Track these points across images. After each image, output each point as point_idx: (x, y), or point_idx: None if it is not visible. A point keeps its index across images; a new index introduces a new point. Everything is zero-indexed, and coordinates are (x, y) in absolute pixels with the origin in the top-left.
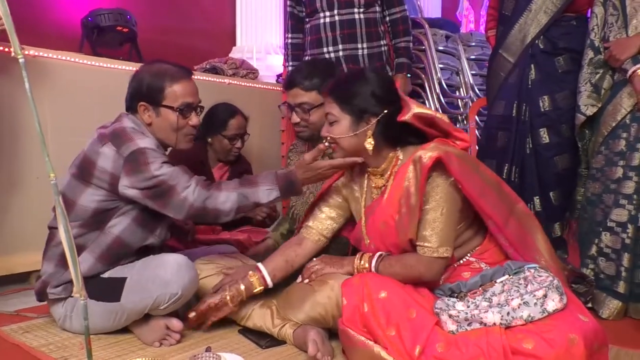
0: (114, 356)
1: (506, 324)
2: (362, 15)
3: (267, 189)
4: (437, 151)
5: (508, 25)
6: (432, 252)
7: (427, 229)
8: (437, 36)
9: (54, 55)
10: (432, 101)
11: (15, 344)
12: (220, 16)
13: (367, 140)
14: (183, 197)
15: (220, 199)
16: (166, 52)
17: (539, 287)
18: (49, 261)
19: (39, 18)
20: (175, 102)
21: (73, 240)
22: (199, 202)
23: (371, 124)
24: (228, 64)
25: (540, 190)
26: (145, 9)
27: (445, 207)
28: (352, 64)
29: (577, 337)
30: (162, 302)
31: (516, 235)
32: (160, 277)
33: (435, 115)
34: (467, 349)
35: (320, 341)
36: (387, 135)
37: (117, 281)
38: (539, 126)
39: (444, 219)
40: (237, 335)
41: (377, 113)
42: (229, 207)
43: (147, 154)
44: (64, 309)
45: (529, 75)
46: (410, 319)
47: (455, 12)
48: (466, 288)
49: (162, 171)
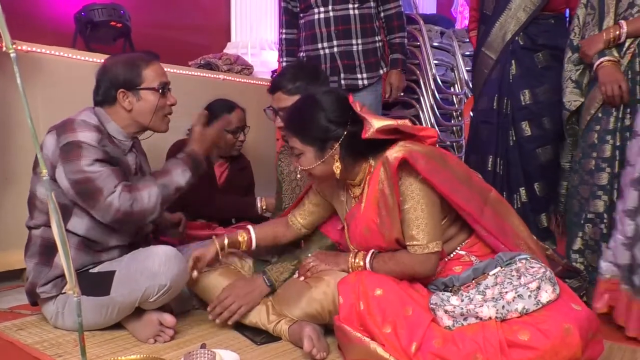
0: (109, 353)
1: (501, 317)
2: (356, 11)
3: (179, 171)
4: (402, 151)
5: (489, 24)
6: (422, 249)
7: (413, 227)
8: (432, 32)
9: (47, 51)
10: (427, 97)
11: (9, 341)
12: (215, 12)
13: (334, 165)
14: (109, 202)
15: (145, 198)
16: (160, 48)
17: (532, 279)
18: (30, 260)
19: (32, 13)
20: (154, 83)
21: (66, 236)
22: (124, 207)
23: (335, 148)
24: (223, 60)
25: (525, 182)
26: (139, 4)
27: (423, 203)
28: (346, 60)
29: (571, 327)
30: (151, 294)
31: (494, 224)
32: (148, 269)
33: (397, 123)
34: (464, 344)
35: (316, 337)
36: (355, 153)
37: (106, 275)
38: (520, 119)
39: (426, 215)
40: (232, 331)
41: (339, 136)
42: (154, 202)
43: (82, 148)
44: (55, 307)
45: (509, 71)
46: (407, 316)
47: (450, 9)
48: (459, 282)
49: (91, 168)
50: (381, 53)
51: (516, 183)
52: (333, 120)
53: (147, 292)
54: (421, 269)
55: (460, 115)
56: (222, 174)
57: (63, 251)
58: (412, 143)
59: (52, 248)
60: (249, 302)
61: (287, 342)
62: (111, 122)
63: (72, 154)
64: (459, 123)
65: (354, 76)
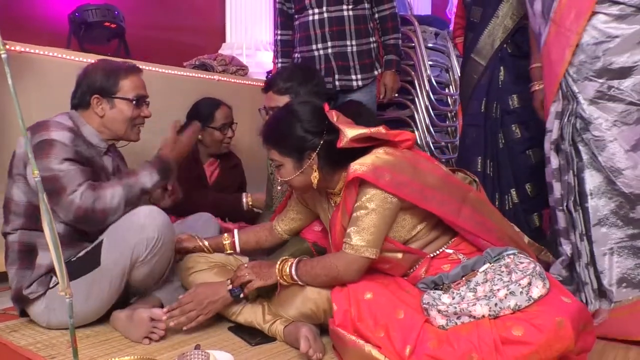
0: (102, 354)
1: (494, 314)
2: (351, 12)
3: (147, 173)
4: (366, 167)
5: (477, 31)
6: (354, 250)
7: (353, 227)
8: (426, 33)
9: (40, 51)
10: (422, 98)
11: (2, 342)
12: (209, 12)
13: (312, 175)
14: (70, 199)
15: (108, 197)
16: (155, 49)
17: (522, 276)
18: (11, 268)
19: (26, 13)
20: (130, 94)
21: (57, 237)
22: (86, 204)
23: (313, 158)
24: (218, 61)
25: (516, 183)
26: (134, 4)
27: (375, 213)
28: (340, 61)
29: (564, 320)
30: (141, 253)
31: (473, 223)
32: (134, 222)
33: (370, 132)
34: (459, 344)
35: (312, 338)
36: (333, 162)
37: (94, 247)
38: (509, 122)
39: (373, 224)
40: (227, 332)
41: (315, 146)
42: (117, 202)
43: (53, 146)
44: (45, 305)
45: (498, 76)
46: (398, 319)
47: (444, 10)
48: (448, 280)
49: (59, 167)
50: (376, 54)
51: (507, 184)
52: (309, 130)
53: (136, 250)
54: (345, 271)
55: (455, 116)
56: (212, 173)
57: (55, 253)
58: (385, 150)
59: (31, 251)
60: (208, 313)
61: (282, 343)
62: (86, 126)
63: (43, 151)
64: (453, 124)
65: (348, 77)
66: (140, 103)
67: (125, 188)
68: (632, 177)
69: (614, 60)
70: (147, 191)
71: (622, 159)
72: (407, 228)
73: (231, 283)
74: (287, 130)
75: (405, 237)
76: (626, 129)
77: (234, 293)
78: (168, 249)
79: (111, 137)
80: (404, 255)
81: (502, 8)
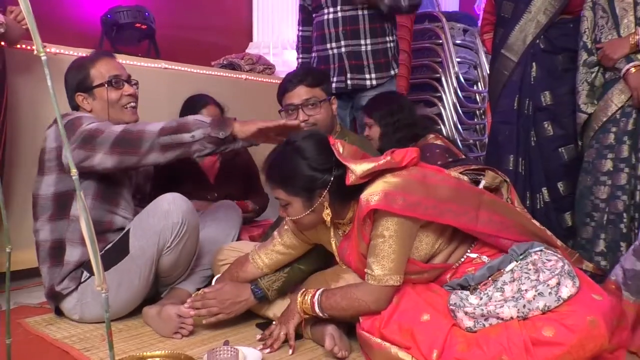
0: (135, 348)
1: (523, 316)
2: (365, 12)
3: (198, 120)
4: (378, 195)
5: (508, 27)
6: (376, 281)
7: (372, 257)
8: (454, 30)
9: (74, 53)
10: (450, 95)
11: (39, 335)
12: (236, 12)
13: (324, 212)
14: (108, 131)
15: (147, 125)
16: (183, 49)
17: (551, 276)
18: (43, 266)
19: (60, 16)
20: (103, 79)
21: (94, 234)
22: (123, 130)
23: (323, 195)
24: (245, 60)
25: (547, 182)
26: (163, 6)
27: (393, 240)
28: (354, 60)
29: (596, 319)
30: (167, 239)
31: (493, 224)
32: (159, 209)
33: (378, 164)
34: (489, 346)
35: (337, 336)
36: (344, 195)
37: (122, 237)
38: (542, 120)
39: (392, 251)
40: (255, 329)
41: (326, 184)
42: (153, 128)
43: (82, 119)
44: (77, 299)
45: (530, 73)
46: (423, 322)
47: (473, 5)
48: (474, 281)
49: (92, 126)
50: (392, 54)
51: (538, 183)
52: (318, 169)
53: (163, 235)
54: (374, 302)
55: (483, 114)
56: (214, 165)
57: (92, 250)
58: (392, 174)
59: (60, 248)
60: (230, 313)
61: (309, 340)
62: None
63: (74, 125)
64: (481, 121)
65: (361, 76)
66: (118, 83)
67: (168, 122)
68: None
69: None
70: (188, 130)
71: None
72: (428, 245)
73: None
74: (293, 170)
75: (427, 254)
76: None
77: (256, 295)
78: (193, 235)
79: None
80: (430, 272)
81: (535, 3)
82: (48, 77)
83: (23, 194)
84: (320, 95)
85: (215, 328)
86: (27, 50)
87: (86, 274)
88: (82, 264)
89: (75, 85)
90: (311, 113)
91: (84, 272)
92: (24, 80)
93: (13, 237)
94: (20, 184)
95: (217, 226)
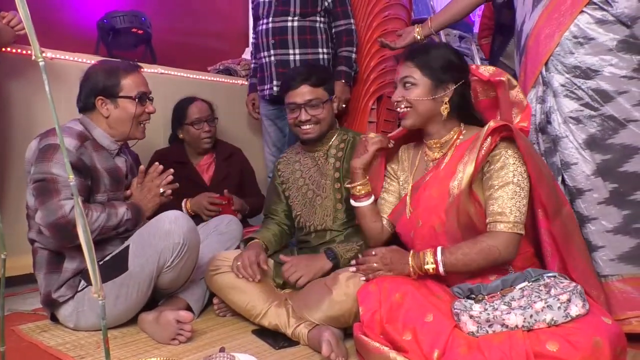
0: (130, 355)
1: (528, 326)
2: (295, 23)
3: (124, 209)
4: (504, 122)
5: (507, 35)
6: (509, 227)
7: (497, 203)
8: (450, 37)
9: (70, 57)
10: None
11: (33, 342)
12: (233, 17)
13: (443, 106)
14: (60, 204)
15: (92, 217)
16: (180, 54)
17: (562, 292)
18: (39, 272)
19: (56, 20)
20: (132, 92)
21: (92, 240)
22: (71, 216)
23: (449, 90)
24: (241, 65)
25: None
26: (160, 11)
27: (517, 179)
28: (281, 68)
29: (601, 340)
30: (167, 258)
31: (561, 235)
32: (160, 229)
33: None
34: (490, 352)
35: (334, 342)
36: (460, 106)
37: (121, 252)
38: None
39: (517, 195)
40: (251, 335)
41: (456, 81)
42: (97, 226)
43: (57, 151)
44: (73, 307)
45: None
46: (427, 322)
47: None
48: (486, 291)
49: (59, 172)
50: (326, 65)
51: None
52: (455, 64)
53: (163, 254)
54: (505, 250)
55: None
56: (209, 167)
57: (89, 256)
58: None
59: (57, 255)
60: (308, 273)
61: (306, 347)
62: (97, 129)
63: (46, 154)
64: None
65: None
66: (144, 100)
67: (107, 216)
68: (577, 173)
69: (584, 60)
70: (119, 225)
71: (573, 153)
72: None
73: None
74: (437, 55)
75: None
76: (575, 128)
77: (331, 257)
78: (193, 253)
79: (119, 137)
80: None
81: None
82: (46, 83)
83: (16, 199)
84: (323, 95)
85: (211, 335)
86: (21, 55)
87: (83, 283)
88: (80, 272)
89: (101, 88)
90: (313, 113)
91: (82, 281)
92: (16, 84)
93: (6, 244)
94: (14, 190)
95: (219, 239)
